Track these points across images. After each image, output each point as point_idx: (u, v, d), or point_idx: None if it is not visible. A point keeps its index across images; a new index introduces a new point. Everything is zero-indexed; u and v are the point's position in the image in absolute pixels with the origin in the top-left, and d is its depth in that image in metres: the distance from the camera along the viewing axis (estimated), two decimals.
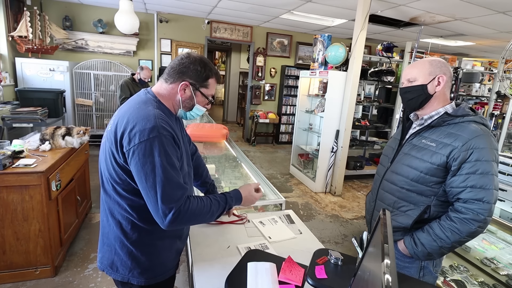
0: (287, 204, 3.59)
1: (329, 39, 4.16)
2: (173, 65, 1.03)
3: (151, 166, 0.89)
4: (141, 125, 0.89)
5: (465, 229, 1.09)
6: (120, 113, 0.97)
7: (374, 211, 1.41)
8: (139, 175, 0.90)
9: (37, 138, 2.30)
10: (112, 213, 1.01)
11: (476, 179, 1.08)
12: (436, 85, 1.19)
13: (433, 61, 1.21)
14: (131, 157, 0.90)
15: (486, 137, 1.10)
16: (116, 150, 0.93)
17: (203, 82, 1.04)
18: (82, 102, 5.16)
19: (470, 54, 7.48)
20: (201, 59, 1.04)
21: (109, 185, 0.99)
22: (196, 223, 1.05)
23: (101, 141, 1.08)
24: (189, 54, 1.04)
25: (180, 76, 1.02)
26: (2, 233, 1.93)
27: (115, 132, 0.93)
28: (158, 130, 0.90)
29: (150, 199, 0.91)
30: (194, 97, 1.05)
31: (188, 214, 0.93)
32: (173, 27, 5.80)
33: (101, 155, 1.03)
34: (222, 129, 3.05)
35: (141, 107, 0.95)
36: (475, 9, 3.77)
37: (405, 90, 1.25)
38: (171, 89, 1.03)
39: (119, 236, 1.01)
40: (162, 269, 1.08)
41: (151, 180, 0.89)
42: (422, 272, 1.28)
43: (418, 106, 1.24)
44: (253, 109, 6.86)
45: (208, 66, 1.05)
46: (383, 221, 0.68)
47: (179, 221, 0.92)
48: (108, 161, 0.96)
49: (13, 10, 4.45)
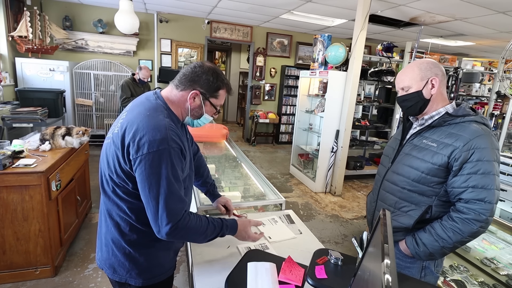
0: (287, 204, 3.59)
1: (329, 39, 4.16)
2: (185, 72, 1.03)
3: (156, 177, 0.90)
4: (151, 135, 0.89)
5: (467, 229, 1.09)
6: (129, 118, 0.95)
7: (375, 212, 1.41)
8: (143, 184, 0.91)
9: (37, 138, 2.30)
10: (111, 214, 1.01)
11: (478, 179, 1.07)
12: (431, 88, 1.18)
13: (422, 64, 1.20)
14: (137, 165, 0.90)
15: (487, 137, 1.10)
16: (122, 155, 0.92)
17: (213, 93, 1.05)
18: (82, 102, 5.16)
19: (470, 54, 7.48)
20: (214, 70, 1.04)
21: (109, 187, 0.99)
22: (189, 241, 1.08)
23: (101, 141, 1.08)
24: (202, 63, 1.04)
25: (191, 84, 1.02)
26: (2, 233, 1.93)
27: (122, 137, 0.92)
28: (167, 143, 0.90)
29: (151, 209, 0.92)
30: (203, 106, 1.05)
31: (184, 230, 0.96)
32: (173, 27, 5.80)
33: (103, 156, 1.02)
34: (222, 129, 3.06)
35: (151, 115, 0.94)
36: (475, 9, 3.76)
37: (402, 99, 1.24)
38: (181, 96, 1.03)
39: (117, 237, 1.01)
40: (160, 270, 1.08)
41: (154, 191, 0.90)
42: (424, 272, 1.27)
43: (418, 112, 1.23)
44: (253, 109, 6.86)
45: (220, 77, 1.05)
46: (383, 221, 0.68)
47: (175, 235, 0.94)
48: (111, 164, 0.96)
49: (13, 10, 4.45)
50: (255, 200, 1.92)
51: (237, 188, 2.12)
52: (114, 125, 1.02)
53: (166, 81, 5.80)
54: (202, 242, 1.08)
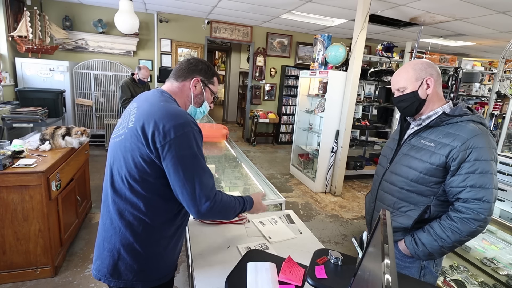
0: (287, 204, 3.60)
1: (329, 39, 4.16)
2: (180, 66, 1.12)
3: (188, 159, 0.94)
4: (174, 120, 0.93)
5: (465, 229, 1.09)
6: (144, 111, 0.98)
7: (374, 212, 1.41)
8: (175, 168, 0.93)
9: (37, 138, 2.30)
10: (122, 215, 0.99)
11: (476, 179, 1.08)
12: (426, 88, 1.19)
13: (416, 64, 1.20)
14: (167, 151, 0.92)
15: (485, 136, 1.10)
16: (147, 145, 0.93)
17: (210, 79, 1.15)
18: (82, 102, 5.16)
19: (470, 54, 7.48)
20: (205, 61, 1.16)
21: (125, 185, 0.97)
22: (222, 217, 1.11)
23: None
24: (193, 57, 1.16)
25: (191, 73, 1.10)
26: (2, 233, 1.93)
27: (142, 128, 0.94)
28: (190, 125, 0.95)
29: (187, 190, 0.94)
30: (204, 92, 1.14)
31: (220, 205, 1.00)
32: (173, 27, 5.80)
33: (116, 154, 1.01)
34: (222, 129, 3.06)
35: (166, 105, 0.98)
36: (475, 9, 3.77)
37: (398, 99, 1.25)
38: (183, 86, 1.10)
39: (128, 238, 0.99)
40: (166, 270, 1.08)
41: (189, 172, 0.94)
42: (423, 272, 1.28)
43: (414, 112, 1.24)
44: (253, 109, 6.86)
45: (211, 65, 1.17)
46: (383, 221, 0.68)
47: (213, 210, 0.98)
48: (130, 159, 0.96)
49: (13, 10, 4.45)
50: None
51: (237, 188, 2.12)
52: (124, 122, 1.03)
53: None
54: (231, 218, 1.12)
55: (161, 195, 0.99)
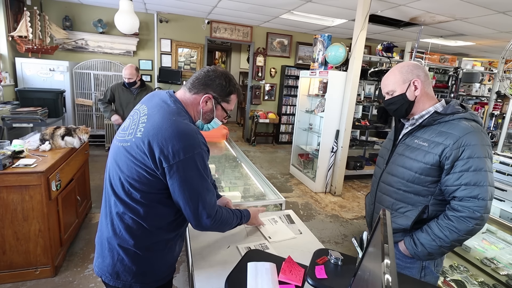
0: (287, 204, 3.59)
1: (329, 39, 4.16)
2: (198, 76, 1.05)
3: (195, 179, 0.95)
4: (184, 141, 0.92)
5: (462, 227, 1.09)
6: (154, 124, 0.94)
7: (373, 214, 1.41)
8: (181, 188, 0.94)
9: (37, 138, 2.30)
10: (122, 218, 0.98)
11: (470, 176, 1.08)
12: (414, 90, 1.20)
13: (403, 67, 1.22)
14: (175, 172, 0.92)
15: (477, 133, 1.10)
16: (153, 162, 0.92)
17: (225, 97, 1.08)
18: (82, 102, 5.16)
19: (470, 54, 7.48)
20: (226, 75, 1.07)
21: (125, 190, 0.96)
22: (220, 230, 1.16)
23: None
24: (215, 68, 1.07)
25: (204, 88, 1.04)
26: (2, 233, 1.93)
27: (149, 144, 0.91)
28: (200, 146, 0.95)
29: (190, 207, 0.97)
30: (214, 110, 1.08)
31: (220, 221, 1.06)
32: (173, 27, 5.80)
33: (118, 158, 0.99)
34: (222, 129, 3.06)
35: (178, 120, 0.95)
36: (475, 9, 3.76)
37: (388, 102, 1.26)
38: (194, 99, 1.05)
39: (127, 241, 0.99)
40: (165, 272, 1.08)
41: (194, 192, 0.96)
42: (424, 272, 1.28)
43: (404, 114, 1.25)
44: (253, 109, 6.86)
45: (232, 82, 1.08)
46: (383, 221, 0.68)
47: (213, 226, 1.03)
48: (133, 169, 0.94)
49: (13, 10, 4.45)
50: (255, 200, 1.92)
51: (237, 188, 2.12)
52: (132, 127, 0.99)
53: (166, 81, 5.80)
54: (226, 230, 1.19)
55: (161, 202, 0.99)
